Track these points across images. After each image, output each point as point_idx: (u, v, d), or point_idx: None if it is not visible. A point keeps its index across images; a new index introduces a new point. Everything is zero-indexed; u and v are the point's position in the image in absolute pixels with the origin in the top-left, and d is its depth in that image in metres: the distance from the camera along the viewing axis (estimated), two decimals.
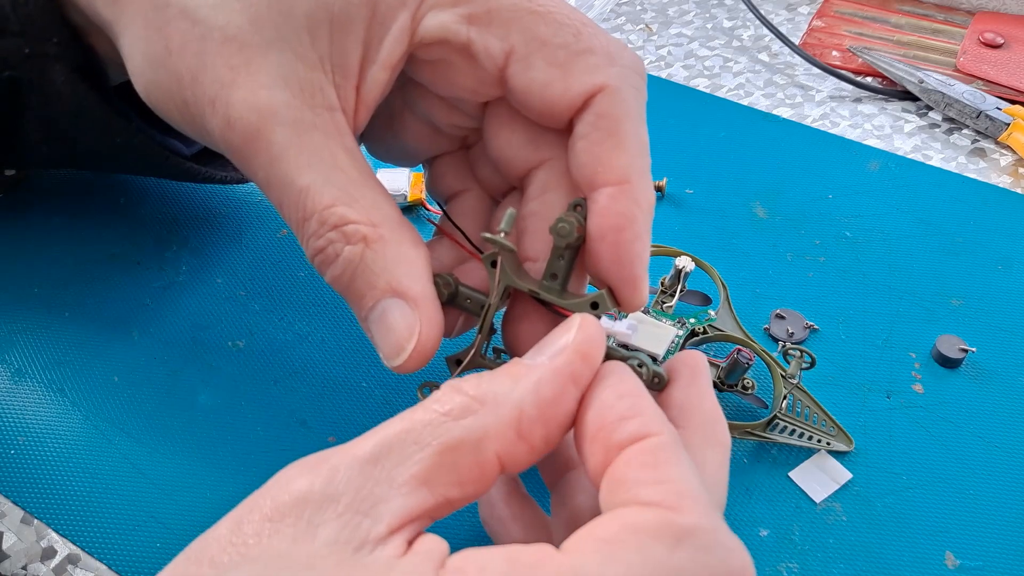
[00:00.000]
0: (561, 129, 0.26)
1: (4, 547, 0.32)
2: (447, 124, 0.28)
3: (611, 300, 0.24)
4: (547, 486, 0.25)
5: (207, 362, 0.37)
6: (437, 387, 0.24)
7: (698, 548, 0.17)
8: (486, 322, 0.25)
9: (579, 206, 0.24)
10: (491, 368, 0.25)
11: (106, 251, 0.42)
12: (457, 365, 0.25)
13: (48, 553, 0.31)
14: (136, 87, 0.26)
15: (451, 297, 0.25)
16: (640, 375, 0.23)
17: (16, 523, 0.32)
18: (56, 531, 0.32)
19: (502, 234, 0.23)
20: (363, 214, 0.23)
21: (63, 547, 0.31)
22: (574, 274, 0.25)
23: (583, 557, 0.17)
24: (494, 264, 0.24)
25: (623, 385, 0.21)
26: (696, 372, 0.23)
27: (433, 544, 0.18)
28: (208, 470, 0.33)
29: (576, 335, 0.21)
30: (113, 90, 0.33)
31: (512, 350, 0.27)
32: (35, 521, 0.32)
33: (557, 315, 0.25)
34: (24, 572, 0.31)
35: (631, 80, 0.24)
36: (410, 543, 0.18)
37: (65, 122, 0.33)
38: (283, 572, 0.17)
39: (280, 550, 0.17)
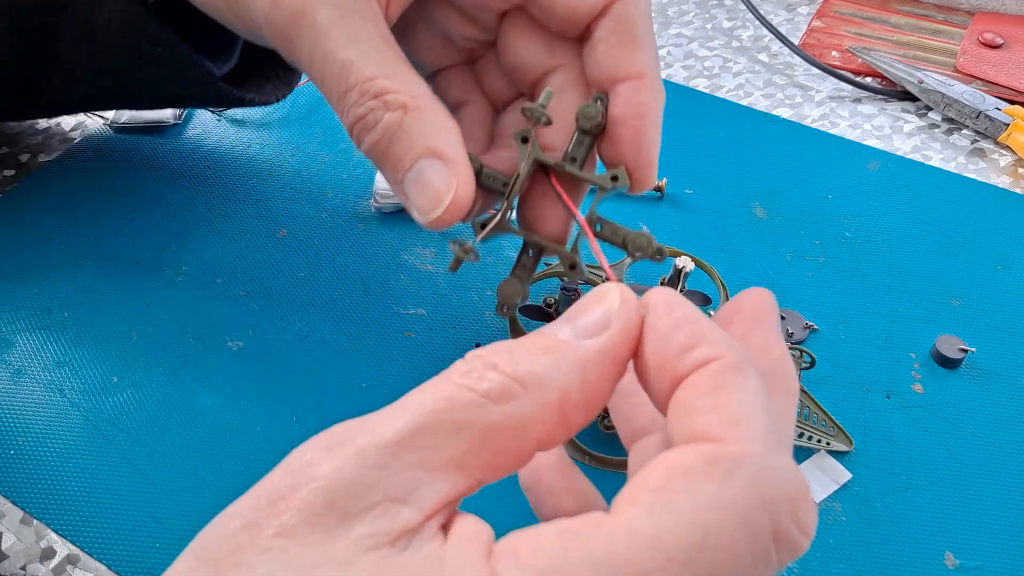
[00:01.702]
0: (574, 38, 0.28)
1: (3, 547, 0.32)
2: (461, 36, 0.30)
3: (626, 177, 0.26)
4: (624, 444, 0.24)
5: (207, 362, 0.37)
6: (465, 245, 0.25)
7: (750, 478, 0.16)
8: (514, 190, 0.26)
9: (600, 99, 0.27)
10: (514, 234, 0.27)
11: (106, 251, 0.42)
12: (482, 229, 0.27)
13: (48, 553, 0.31)
14: None
15: (475, 175, 0.27)
16: None
17: (16, 523, 0.32)
18: (56, 531, 0.32)
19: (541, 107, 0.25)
20: (403, 86, 0.26)
21: (62, 547, 0.31)
22: (586, 165, 0.28)
23: (633, 513, 0.16)
24: (524, 140, 0.26)
25: (676, 312, 0.19)
26: (759, 315, 0.22)
27: (474, 528, 0.17)
28: (208, 470, 0.33)
29: (620, 312, 0.19)
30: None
31: (529, 225, 0.28)
32: (35, 521, 0.32)
33: (567, 210, 0.27)
34: (23, 572, 0.31)
35: None
36: (443, 527, 0.17)
37: (104, 34, 0.35)
38: (317, 572, 0.16)
39: (311, 546, 0.16)
